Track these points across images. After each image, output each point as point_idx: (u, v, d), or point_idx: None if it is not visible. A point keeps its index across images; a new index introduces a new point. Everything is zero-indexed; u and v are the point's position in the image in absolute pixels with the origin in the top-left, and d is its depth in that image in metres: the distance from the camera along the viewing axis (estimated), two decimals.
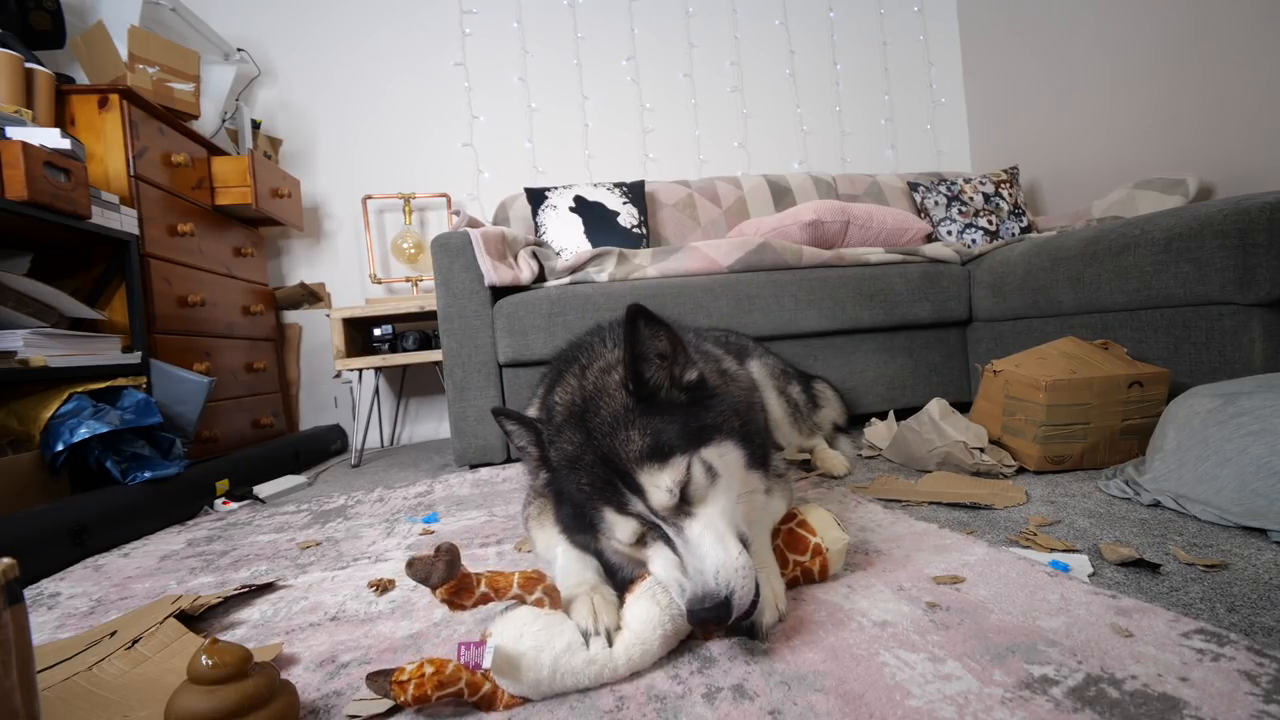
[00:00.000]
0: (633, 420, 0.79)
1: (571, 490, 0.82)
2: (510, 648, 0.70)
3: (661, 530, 0.76)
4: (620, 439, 0.78)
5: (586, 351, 0.94)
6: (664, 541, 0.76)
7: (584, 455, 0.80)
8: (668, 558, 0.76)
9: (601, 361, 0.90)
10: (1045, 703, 0.61)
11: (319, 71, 3.19)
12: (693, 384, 0.84)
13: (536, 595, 0.78)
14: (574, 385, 0.88)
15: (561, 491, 0.87)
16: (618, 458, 0.77)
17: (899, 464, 1.73)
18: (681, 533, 0.75)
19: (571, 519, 0.86)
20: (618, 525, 0.78)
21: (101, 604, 1.17)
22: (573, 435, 0.82)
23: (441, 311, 2.17)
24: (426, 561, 0.73)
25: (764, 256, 2.34)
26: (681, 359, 0.84)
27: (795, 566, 0.93)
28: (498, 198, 3.13)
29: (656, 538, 0.78)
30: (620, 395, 0.81)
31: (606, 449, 0.78)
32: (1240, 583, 0.85)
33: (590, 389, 0.85)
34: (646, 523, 0.77)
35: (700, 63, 3.53)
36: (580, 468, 0.80)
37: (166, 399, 2.00)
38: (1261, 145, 2.32)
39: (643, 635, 0.75)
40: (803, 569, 0.93)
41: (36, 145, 1.65)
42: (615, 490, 0.77)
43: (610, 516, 0.78)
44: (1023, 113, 3.41)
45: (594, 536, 0.85)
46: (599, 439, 0.79)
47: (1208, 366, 1.65)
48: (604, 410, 0.81)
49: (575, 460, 0.81)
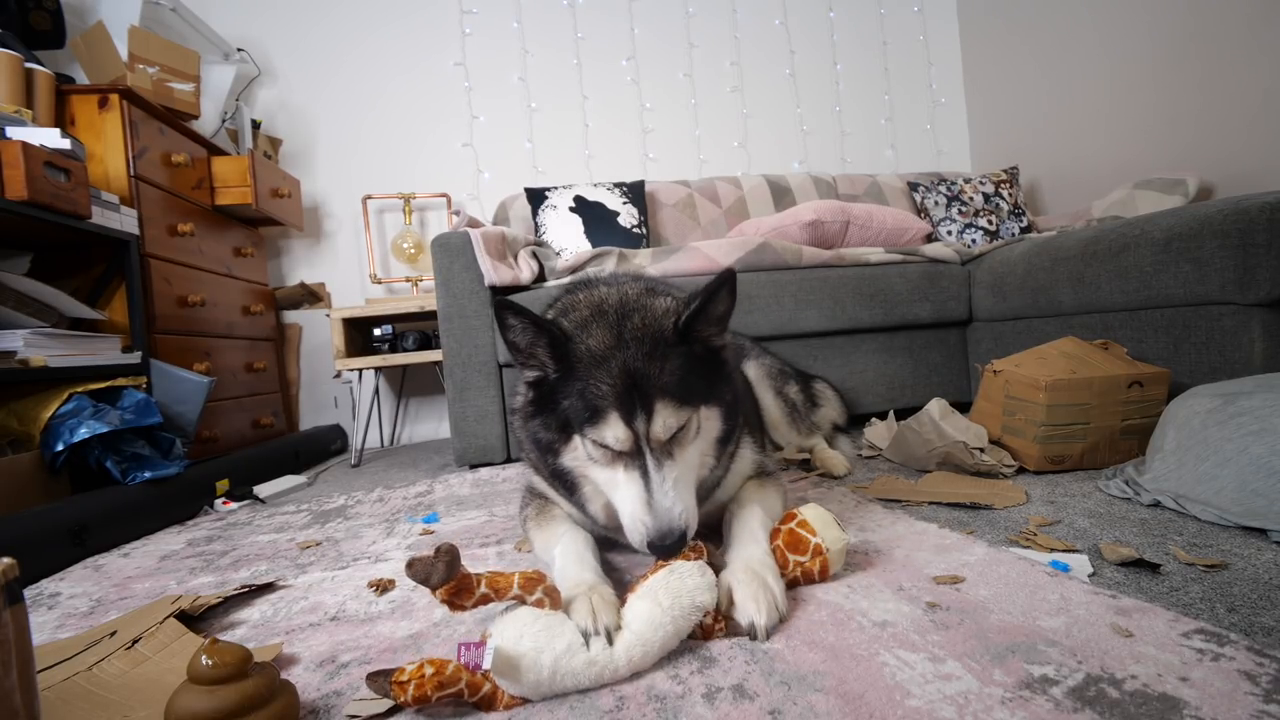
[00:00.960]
0: (668, 354, 0.87)
1: (585, 383, 0.86)
2: (510, 649, 0.70)
3: (642, 460, 0.84)
4: (655, 365, 0.86)
5: (615, 283, 1.03)
6: (639, 473, 0.84)
7: (612, 359, 0.86)
8: (637, 492, 0.84)
9: (635, 291, 0.97)
10: (1045, 703, 0.61)
11: (319, 71, 3.19)
12: (716, 349, 0.94)
13: (537, 596, 0.77)
14: (604, 298, 0.95)
15: (555, 389, 0.89)
16: (645, 378, 0.85)
17: (899, 464, 1.73)
18: (660, 469, 0.84)
19: (562, 417, 0.89)
20: (617, 430, 0.84)
21: (101, 604, 1.17)
22: (603, 336, 0.88)
23: (441, 311, 2.17)
24: (426, 562, 0.73)
25: (764, 256, 2.34)
26: (725, 326, 0.94)
27: (796, 567, 0.93)
28: (498, 198, 3.13)
29: (633, 467, 0.85)
30: (667, 325, 0.89)
31: (638, 366, 0.85)
32: (1240, 583, 0.86)
33: (629, 307, 0.92)
34: (636, 444, 0.84)
35: (700, 63, 3.53)
36: (605, 367, 0.86)
37: (166, 399, 2.00)
38: (1261, 145, 2.32)
39: (644, 636, 0.75)
40: (803, 569, 0.93)
41: (36, 145, 1.65)
42: (630, 402, 0.84)
43: (614, 419, 0.84)
44: (1023, 113, 3.41)
45: (565, 438, 0.90)
46: (631, 352, 0.86)
47: (1208, 366, 1.65)
48: (643, 330, 0.88)
49: (602, 360, 0.86)
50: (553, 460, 0.94)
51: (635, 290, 0.98)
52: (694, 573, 0.81)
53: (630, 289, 0.99)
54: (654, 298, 0.96)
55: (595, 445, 0.87)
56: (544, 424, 0.92)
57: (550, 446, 0.93)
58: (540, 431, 0.93)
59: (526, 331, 0.87)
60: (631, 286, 1.01)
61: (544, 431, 0.92)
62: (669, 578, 0.80)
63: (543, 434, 0.93)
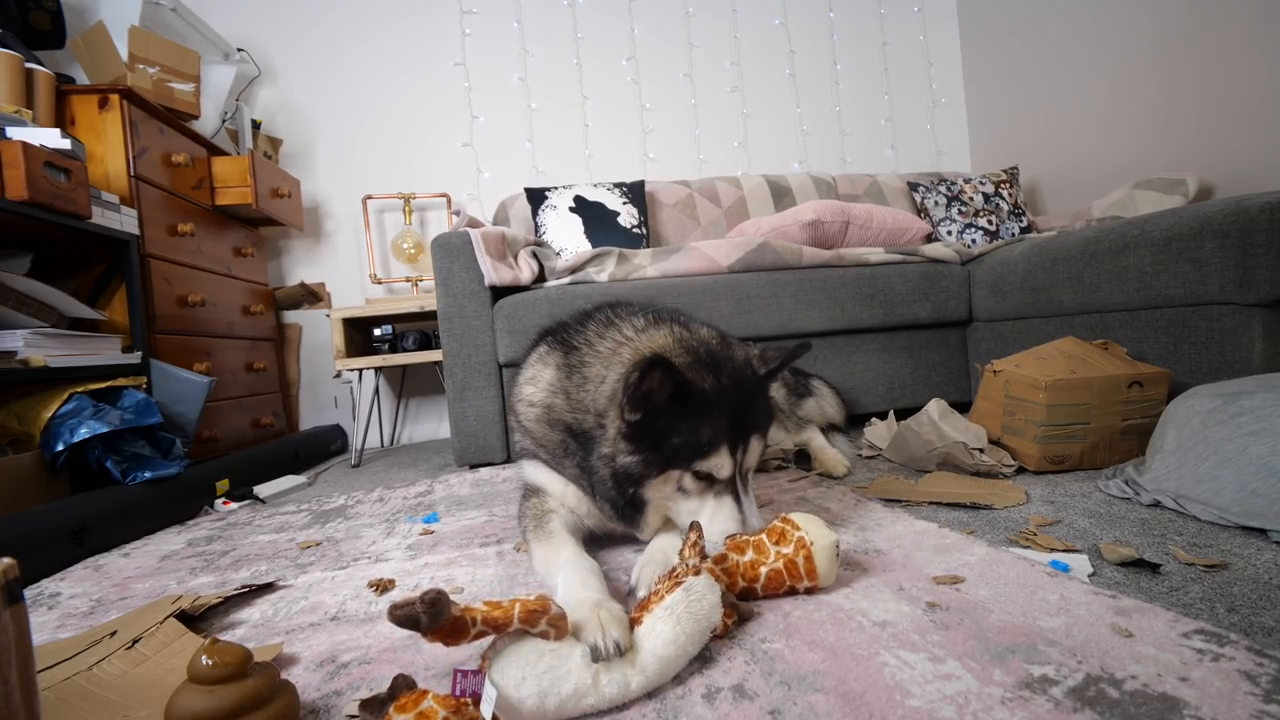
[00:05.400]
0: (760, 395, 1.05)
1: (699, 422, 0.96)
2: (513, 694, 0.65)
3: (734, 486, 0.99)
4: (754, 405, 1.02)
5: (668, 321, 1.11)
6: (731, 497, 0.99)
7: (722, 403, 0.97)
8: (730, 513, 0.98)
9: (712, 337, 1.08)
10: (1045, 703, 0.61)
11: (319, 71, 3.19)
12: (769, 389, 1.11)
13: (541, 628, 0.69)
14: (694, 345, 1.04)
15: (665, 429, 0.96)
16: (747, 416, 0.99)
17: (899, 464, 1.73)
18: (747, 492, 1.00)
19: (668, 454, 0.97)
20: (724, 461, 0.97)
21: (101, 604, 1.17)
22: (713, 383, 0.99)
23: (441, 311, 2.17)
24: (409, 606, 0.65)
25: (764, 256, 2.34)
26: None
27: (778, 558, 0.90)
28: (498, 198, 3.13)
29: (725, 493, 0.99)
30: (753, 374, 1.05)
31: (740, 407, 0.99)
32: (1240, 583, 0.86)
33: (719, 355, 1.03)
34: (733, 473, 0.98)
35: (700, 63, 3.53)
36: (716, 410, 0.97)
37: (166, 399, 2.00)
38: (1261, 145, 2.32)
39: (652, 666, 0.71)
40: (786, 560, 0.90)
41: (37, 145, 1.65)
42: (735, 439, 0.97)
43: (724, 455, 0.97)
44: (1023, 113, 3.41)
45: (659, 471, 0.98)
46: (733, 396, 0.99)
47: (1208, 366, 1.65)
48: (738, 377, 1.02)
49: (714, 403, 0.97)
50: (633, 490, 1.00)
51: (708, 333, 1.09)
52: (710, 593, 0.78)
53: (701, 331, 1.10)
54: (728, 346, 1.08)
55: (693, 477, 0.98)
56: (645, 460, 0.97)
57: (640, 479, 0.99)
58: (635, 467, 0.98)
59: (665, 381, 0.92)
60: (696, 328, 1.10)
61: (641, 467, 0.98)
62: (687, 598, 0.76)
63: (638, 469, 0.98)
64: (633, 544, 1.21)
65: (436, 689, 0.67)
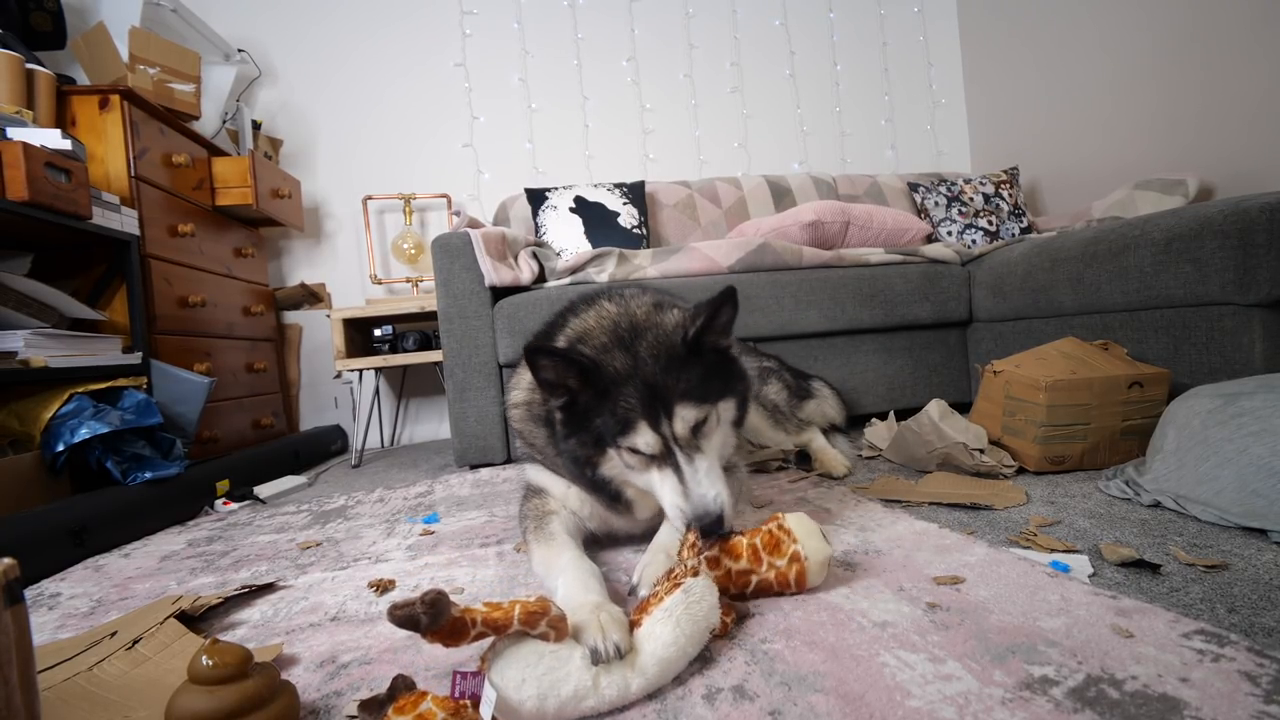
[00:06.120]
0: (682, 364, 0.97)
1: (614, 402, 0.95)
2: (512, 696, 0.64)
3: (674, 458, 0.94)
4: (670, 375, 0.96)
5: (619, 298, 1.12)
6: (672, 470, 0.95)
7: (634, 377, 0.96)
8: (674, 485, 0.94)
9: (643, 310, 1.07)
10: (1045, 703, 0.61)
11: (319, 72, 3.19)
12: (723, 350, 1.04)
13: (541, 630, 0.69)
14: (617, 320, 1.04)
15: (587, 410, 0.98)
16: (665, 388, 0.95)
17: (899, 464, 1.73)
18: (691, 462, 0.94)
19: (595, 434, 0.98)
20: (646, 436, 0.94)
21: (102, 604, 1.17)
22: (622, 358, 0.98)
23: (442, 312, 2.17)
24: (409, 607, 0.65)
25: (764, 257, 2.34)
26: (729, 332, 1.04)
27: (769, 569, 0.90)
28: (498, 198, 3.13)
29: (666, 465, 0.95)
30: (677, 340, 0.99)
31: (656, 378, 0.95)
32: (1240, 583, 0.85)
33: (640, 326, 1.02)
34: (665, 446, 0.94)
35: (700, 63, 3.53)
36: (629, 386, 0.95)
37: (167, 399, 2.00)
38: (1261, 145, 2.32)
39: (652, 668, 0.71)
40: (777, 573, 0.90)
41: (37, 146, 1.65)
42: (655, 411, 0.94)
43: (644, 429, 0.94)
44: (1023, 113, 3.41)
45: (600, 451, 0.98)
46: (648, 368, 0.96)
47: (1208, 367, 1.65)
48: (657, 347, 0.99)
49: (626, 378, 0.96)
50: (591, 473, 1.02)
51: (643, 307, 1.08)
52: (709, 594, 0.78)
53: (637, 305, 1.08)
54: (662, 313, 1.06)
55: (629, 453, 0.96)
56: (580, 442, 1.00)
57: (588, 461, 1.01)
58: (577, 449, 1.01)
59: (557, 367, 0.95)
60: (638, 302, 1.10)
61: (581, 449, 1.00)
62: (686, 599, 0.76)
63: (580, 451, 1.00)
64: (633, 545, 1.22)
65: (436, 690, 0.67)
